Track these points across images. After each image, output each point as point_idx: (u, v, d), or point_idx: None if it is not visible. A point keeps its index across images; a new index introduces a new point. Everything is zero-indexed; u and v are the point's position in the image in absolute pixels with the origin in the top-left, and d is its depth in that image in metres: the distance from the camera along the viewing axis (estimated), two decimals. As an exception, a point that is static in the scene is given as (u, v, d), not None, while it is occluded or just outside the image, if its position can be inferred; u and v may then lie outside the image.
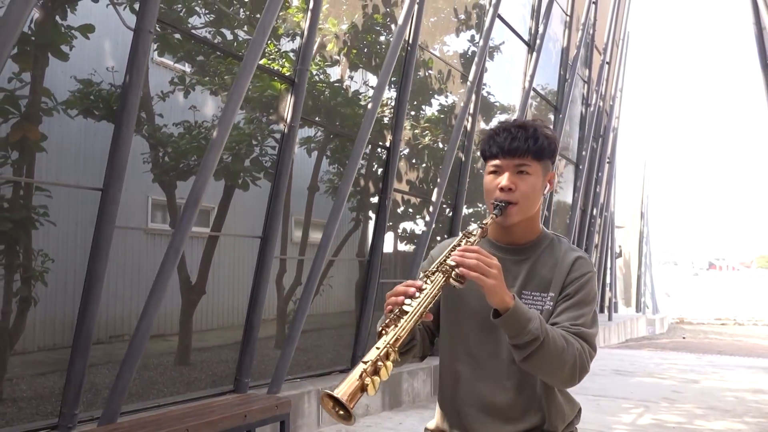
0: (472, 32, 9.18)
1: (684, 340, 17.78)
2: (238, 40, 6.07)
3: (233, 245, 6.52)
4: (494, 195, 1.58)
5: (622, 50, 16.73)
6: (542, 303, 1.58)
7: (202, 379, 6.07)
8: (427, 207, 8.06)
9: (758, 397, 8.00)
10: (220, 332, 6.67)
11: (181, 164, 5.79)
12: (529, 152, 1.56)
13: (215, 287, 6.26)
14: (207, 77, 6.04)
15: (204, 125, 5.97)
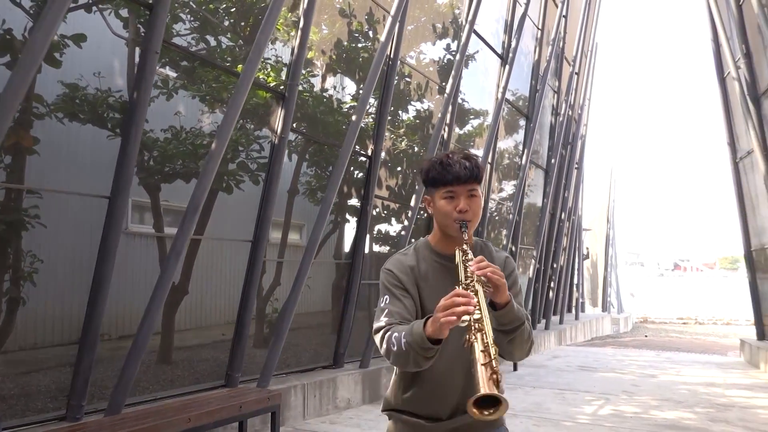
0: (447, 41, 9.62)
1: (646, 338, 18.56)
2: (221, 47, 6.36)
3: (216, 247, 6.68)
4: (453, 216, 1.85)
5: (591, 61, 17.41)
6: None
7: (185, 377, 6.32)
8: (405, 211, 8.50)
9: (709, 390, 8.64)
10: (199, 332, 6.85)
11: (167, 168, 6.07)
12: (475, 179, 1.89)
13: (196, 288, 6.35)
14: (194, 84, 6.28)
15: (192, 131, 6.24)
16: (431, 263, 1.94)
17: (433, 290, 1.88)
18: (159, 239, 5.80)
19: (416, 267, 1.92)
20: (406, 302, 1.86)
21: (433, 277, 1.91)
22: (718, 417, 6.81)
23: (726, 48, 12.05)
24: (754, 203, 12.44)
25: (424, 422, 1.89)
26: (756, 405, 7.63)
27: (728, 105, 13.28)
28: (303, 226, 7.85)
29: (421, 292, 1.90)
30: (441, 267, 1.92)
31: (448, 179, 1.87)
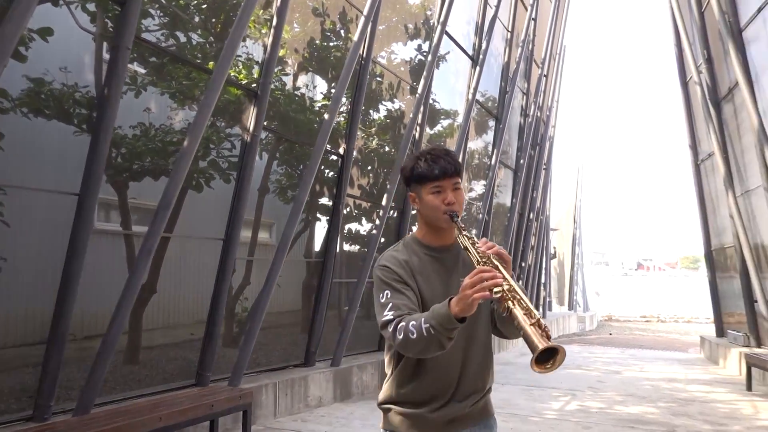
0: (418, 41, 9.70)
1: (611, 336, 18.98)
2: (192, 43, 6.30)
3: (184, 245, 6.54)
4: (442, 209, 1.94)
5: (559, 63, 17.73)
6: None
7: (153, 377, 6.24)
8: (376, 210, 8.54)
9: (671, 385, 8.91)
10: (167, 331, 6.65)
11: (135, 165, 5.99)
12: (458, 173, 1.99)
13: (164, 286, 6.23)
14: (164, 81, 6.20)
15: (162, 128, 6.17)
16: (422, 256, 2.01)
17: (428, 281, 1.96)
18: (126, 237, 5.71)
19: (409, 261, 1.99)
20: (408, 294, 1.91)
21: (426, 270, 1.98)
22: (680, 411, 7.04)
23: (688, 53, 12.41)
24: (715, 204, 12.85)
25: (423, 412, 1.94)
26: (715, 399, 7.90)
27: (690, 109, 13.68)
28: (273, 224, 7.82)
29: (419, 284, 1.96)
30: (432, 259, 2.00)
31: (435, 174, 1.95)
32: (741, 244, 10.47)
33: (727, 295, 13.00)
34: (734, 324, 12.36)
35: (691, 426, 6.30)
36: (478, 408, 2.00)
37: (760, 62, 9.38)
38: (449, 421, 1.95)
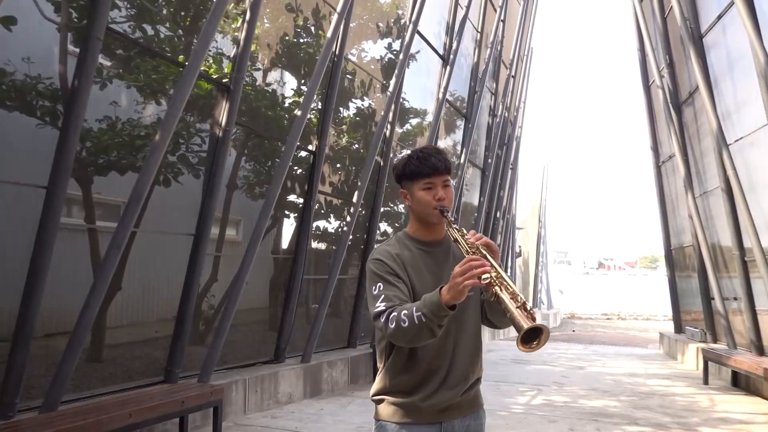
0: (388, 40, 9.74)
1: (574, 332, 19.41)
2: (160, 36, 6.21)
3: (151, 241, 6.37)
4: (433, 204, 2.01)
5: (526, 65, 18.00)
6: None
7: (117, 375, 6.13)
8: (347, 207, 8.56)
9: (632, 380, 9.17)
10: (131, 329, 6.53)
11: (101, 160, 5.87)
12: (448, 171, 2.07)
13: (128, 283, 6.09)
14: (131, 74, 6.07)
15: (129, 122, 6.06)
16: (414, 251, 2.07)
17: (419, 275, 2.02)
18: (90, 233, 5.59)
19: (401, 255, 2.05)
20: (400, 286, 1.96)
21: (418, 263, 2.04)
22: (641, 404, 7.25)
23: (651, 58, 12.76)
24: (675, 204, 13.25)
25: (415, 401, 1.98)
26: (674, 393, 8.16)
27: (652, 111, 14.07)
28: (240, 221, 7.75)
29: (410, 277, 2.02)
30: (423, 253, 2.06)
31: (426, 171, 2.03)
32: (699, 243, 10.83)
33: (685, 293, 13.43)
34: (691, 321, 12.78)
35: (651, 418, 6.50)
36: (468, 397, 2.04)
37: (720, 68, 9.72)
38: (441, 410, 1.99)
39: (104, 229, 5.51)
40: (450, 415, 2.01)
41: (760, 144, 8.31)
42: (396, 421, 1.99)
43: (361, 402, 7.13)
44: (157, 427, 5.17)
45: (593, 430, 5.97)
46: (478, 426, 2.09)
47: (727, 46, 9.42)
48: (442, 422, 2.00)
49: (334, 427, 5.91)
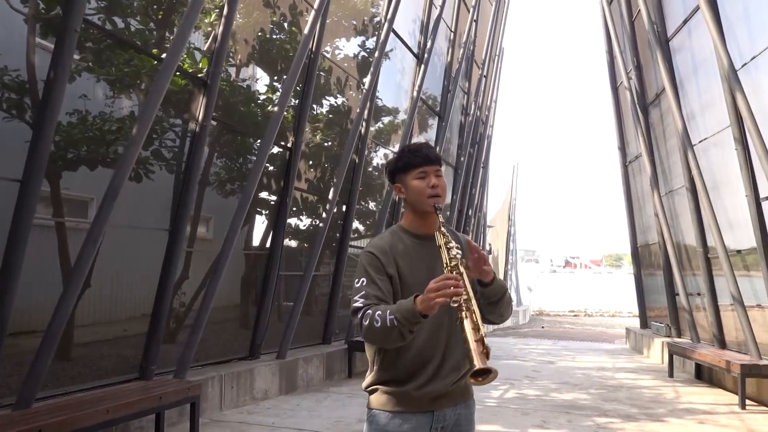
0: (362, 38, 9.76)
1: (543, 329, 19.74)
2: (130, 29, 6.12)
3: (120, 237, 6.16)
4: (427, 192, 2.07)
5: (498, 65, 18.23)
6: None
7: (87, 374, 6.02)
8: (323, 204, 8.57)
9: (601, 374, 9.41)
10: (100, 327, 6.34)
11: (71, 154, 5.76)
12: (439, 162, 2.16)
13: (96, 281, 5.83)
14: (102, 67, 5.97)
15: (101, 116, 5.96)
16: (407, 242, 2.12)
17: (411, 266, 2.07)
18: (59, 229, 5.47)
19: (394, 246, 2.09)
20: (382, 285, 2.00)
21: (411, 255, 2.08)
22: (610, 397, 7.46)
23: (619, 60, 13.07)
24: (641, 203, 13.60)
25: (408, 389, 2.02)
26: (641, 386, 8.41)
27: (620, 112, 14.41)
28: (210, 218, 7.68)
29: (400, 269, 2.06)
30: (417, 245, 2.11)
31: (419, 161, 2.11)
32: (665, 240, 11.14)
33: (650, 289, 13.80)
34: (655, 317, 13.15)
35: (620, 410, 6.69)
36: (460, 387, 2.08)
37: (685, 70, 10.01)
38: (433, 399, 2.03)
39: (71, 225, 5.40)
40: (442, 403, 2.04)
41: (723, 145, 8.60)
42: (388, 409, 2.03)
43: (337, 397, 7.17)
44: (133, 424, 5.12)
45: (565, 422, 6.12)
46: (468, 414, 2.15)
47: (692, 49, 9.71)
48: (434, 410, 2.03)
49: (311, 422, 5.94)
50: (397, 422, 2.01)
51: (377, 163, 10.68)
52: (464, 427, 2.11)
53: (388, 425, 2.02)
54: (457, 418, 2.08)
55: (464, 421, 2.11)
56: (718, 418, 6.43)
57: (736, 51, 7.84)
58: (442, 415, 2.04)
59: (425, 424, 2.02)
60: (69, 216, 5.64)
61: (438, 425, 2.04)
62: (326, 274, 9.27)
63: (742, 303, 8.11)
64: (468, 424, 2.14)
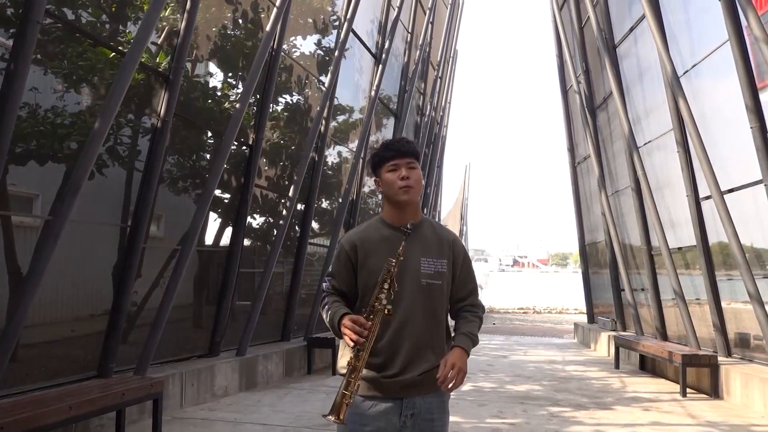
0: (318, 36, 9.78)
1: (494, 325, 20.17)
2: (81, 21, 5.99)
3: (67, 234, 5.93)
4: (398, 184, 2.15)
5: (452, 67, 18.56)
6: (438, 266, 2.21)
7: (36, 375, 5.84)
8: (284, 202, 8.59)
9: (552, 366, 9.77)
10: (45, 328, 5.97)
11: (19, 149, 5.60)
12: (413, 154, 2.21)
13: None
14: (52, 60, 5.81)
15: (53, 110, 5.82)
16: (383, 232, 2.22)
17: (375, 254, 2.16)
18: (4, 226, 5.31)
19: (367, 237, 2.22)
20: (342, 277, 2.21)
21: (382, 245, 2.18)
22: (561, 387, 7.77)
23: (569, 64, 13.55)
24: (589, 203, 14.12)
25: (378, 377, 2.13)
26: (590, 377, 8.78)
27: (570, 115, 14.92)
28: (161, 216, 7.57)
29: (366, 257, 2.19)
30: (392, 235, 2.19)
31: (390, 154, 2.21)
32: (611, 238, 11.63)
33: (595, 287, 14.35)
34: (601, 313, 13.70)
35: (571, 399, 7.00)
36: (431, 377, 2.13)
37: (631, 76, 10.50)
38: (402, 388, 2.14)
39: (15, 222, 5.23)
40: (411, 392, 2.14)
41: (666, 147, 9.08)
42: (362, 393, 2.12)
43: (298, 393, 7.22)
44: (93, 422, 5.06)
45: (521, 411, 6.37)
46: (440, 402, 2.22)
47: (638, 56, 10.20)
48: (403, 398, 2.13)
49: (274, 417, 5.98)
50: (368, 405, 2.13)
51: (332, 162, 10.71)
52: (436, 414, 2.19)
53: (360, 407, 2.13)
54: (428, 406, 2.17)
55: (436, 409, 2.19)
56: (662, 405, 6.81)
57: (679, 59, 8.30)
58: (412, 403, 2.14)
59: (395, 410, 2.13)
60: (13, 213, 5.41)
61: (408, 412, 2.13)
62: (281, 272, 9.24)
63: (683, 297, 8.59)
64: (440, 411, 2.22)
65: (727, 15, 6.73)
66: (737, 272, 7.10)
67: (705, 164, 7.37)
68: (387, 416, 2.13)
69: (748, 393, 6.60)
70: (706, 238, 8.01)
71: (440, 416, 2.21)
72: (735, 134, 7.29)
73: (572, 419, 6.06)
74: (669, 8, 8.70)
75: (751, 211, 7.07)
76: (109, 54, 5.86)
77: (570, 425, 5.80)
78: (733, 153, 7.46)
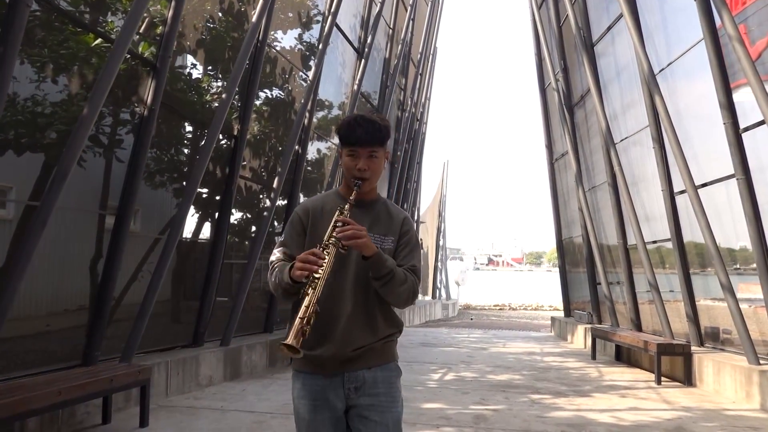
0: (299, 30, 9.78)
1: (472, 321, 20.44)
2: (60, 8, 5.93)
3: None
4: (353, 173, 2.14)
5: (432, 63, 18.69)
6: (383, 242, 2.21)
7: (12, 367, 5.77)
8: (268, 193, 8.61)
9: (531, 357, 9.95)
10: (17, 323, 5.57)
11: None
12: (376, 142, 2.15)
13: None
14: (33, 48, 5.74)
15: (34, 99, 5.77)
16: (333, 203, 2.24)
17: (325, 222, 2.17)
18: None
19: (319, 207, 2.24)
20: (294, 243, 2.20)
21: (328, 212, 2.20)
22: (541, 377, 7.94)
23: (548, 62, 13.77)
24: (566, 199, 14.38)
25: (318, 354, 2.15)
26: (568, 367, 8.98)
27: (548, 112, 15.16)
28: (138, 210, 7.50)
29: (316, 222, 2.22)
30: (338, 205, 2.19)
31: (351, 141, 2.16)
32: (588, 233, 11.87)
33: (571, 285, 14.62)
34: (575, 310, 13.96)
35: (551, 388, 7.17)
36: (375, 350, 2.18)
37: (609, 73, 10.73)
38: (342, 362, 2.17)
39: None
40: (352, 366, 2.16)
41: (642, 143, 9.32)
42: (306, 370, 2.19)
43: (283, 383, 7.26)
44: (80, 409, 5.05)
45: (503, 398, 6.51)
46: (387, 377, 2.21)
47: (615, 54, 10.43)
48: (344, 372, 2.16)
49: (260, 404, 6.03)
50: (310, 381, 2.18)
51: (312, 157, 10.72)
52: (382, 388, 2.18)
53: (305, 382, 2.19)
54: (373, 379, 2.18)
55: (382, 382, 2.19)
56: (638, 392, 7.01)
57: (655, 57, 8.53)
58: (354, 376, 2.16)
59: (337, 384, 2.16)
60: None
61: (350, 385, 2.16)
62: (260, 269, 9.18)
63: (657, 289, 8.82)
64: (387, 386, 2.20)
65: (702, 15, 6.95)
66: (709, 270, 7.35)
67: (680, 159, 7.59)
68: (332, 389, 2.16)
69: (720, 380, 6.84)
70: (680, 231, 8.25)
71: (387, 390, 2.20)
72: (708, 130, 7.53)
73: (553, 405, 6.21)
74: (646, 7, 8.93)
75: (724, 204, 7.32)
76: (92, 42, 5.83)
77: (551, 411, 5.96)
78: (707, 149, 7.71)
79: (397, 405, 2.22)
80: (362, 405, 2.16)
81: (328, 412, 2.16)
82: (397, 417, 2.22)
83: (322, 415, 2.16)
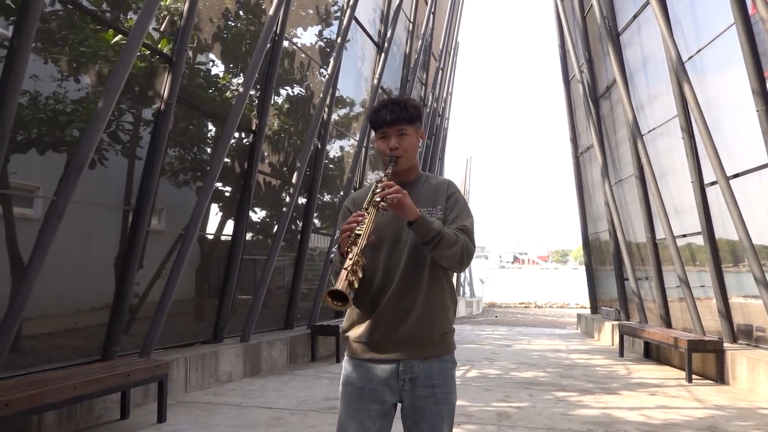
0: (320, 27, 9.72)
1: (496, 318, 20.20)
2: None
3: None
4: (387, 154, 2.13)
5: (453, 58, 18.50)
6: (432, 214, 2.16)
7: (38, 364, 5.79)
8: (287, 189, 8.55)
9: (556, 355, 9.74)
10: (47, 320, 5.76)
11: (20, 137, 5.55)
12: (403, 120, 2.13)
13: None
14: (55, 47, 5.75)
15: (55, 97, 5.78)
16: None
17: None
18: (6, 215, 5.22)
19: (363, 195, 2.19)
20: None
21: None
22: (566, 374, 7.74)
23: (572, 53, 13.48)
24: (591, 193, 14.08)
25: (364, 344, 2.11)
26: (594, 364, 8.75)
27: (572, 105, 14.87)
28: (162, 210, 7.50)
29: None
30: None
31: (378, 124, 2.17)
32: (615, 228, 11.59)
33: (598, 282, 14.32)
34: (602, 306, 13.66)
35: (577, 385, 6.97)
36: (432, 343, 2.12)
37: (635, 63, 10.44)
38: (397, 352, 2.08)
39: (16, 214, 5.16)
40: (408, 354, 2.08)
41: (671, 134, 9.03)
42: (357, 357, 2.12)
43: (303, 379, 7.19)
44: (98, 404, 5.04)
45: (526, 395, 6.34)
46: (443, 369, 2.14)
47: (641, 43, 10.14)
48: (399, 360, 2.08)
49: (279, 401, 5.96)
50: (362, 369, 2.10)
51: (333, 155, 10.65)
52: (437, 380, 2.11)
53: (356, 369, 2.11)
54: (428, 370, 2.10)
55: (437, 374, 2.11)
56: (668, 390, 6.78)
57: (683, 44, 8.25)
58: (410, 366, 2.08)
59: (391, 375, 2.08)
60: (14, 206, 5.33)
61: (405, 376, 2.08)
62: (282, 266, 9.15)
63: (688, 284, 8.55)
64: (443, 377, 2.13)
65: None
66: (742, 267, 7.07)
67: (710, 149, 7.33)
68: (385, 380, 2.08)
69: (755, 377, 6.58)
70: (711, 223, 7.97)
71: (442, 382, 2.12)
72: (740, 118, 7.25)
73: (579, 403, 6.03)
74: (673, -7, 8.66)
75: (758, 195, 7.03)
76: (111, 39, 5.82)
77: (577, 408, 5.77)
78: (738, 138, 7.42)
79: (452, 396, 2.15)
80: (417, 396, 2.09)
81: (375, 404, 2.09)
82: (452, 407, 2.15)
83: (368, 405, 2.09)
